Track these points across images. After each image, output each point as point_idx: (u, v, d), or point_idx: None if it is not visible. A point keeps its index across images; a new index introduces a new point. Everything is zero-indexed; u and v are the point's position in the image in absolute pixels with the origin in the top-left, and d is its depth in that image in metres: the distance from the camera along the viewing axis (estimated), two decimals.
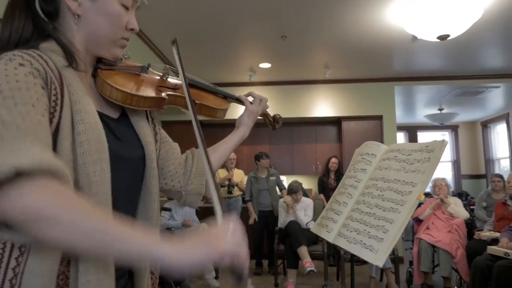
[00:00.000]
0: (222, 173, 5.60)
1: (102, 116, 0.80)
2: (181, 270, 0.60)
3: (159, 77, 0.98)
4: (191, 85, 1.05)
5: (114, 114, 0.88)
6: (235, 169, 5.73)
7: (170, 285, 3.79)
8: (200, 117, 0.96)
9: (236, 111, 1.25)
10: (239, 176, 5.71)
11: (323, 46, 4.66)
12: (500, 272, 2.98)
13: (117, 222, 0.61)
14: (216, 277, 4.53)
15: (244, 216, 5.50)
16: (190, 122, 0.87)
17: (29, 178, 0.58)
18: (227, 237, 0.63)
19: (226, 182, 5.53)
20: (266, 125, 1.34)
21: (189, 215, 4.90)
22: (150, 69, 0.97)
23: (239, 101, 1.21)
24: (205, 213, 5.62)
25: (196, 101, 1.04)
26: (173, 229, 4.48)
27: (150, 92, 0.91)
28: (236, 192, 5.60)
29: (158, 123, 1.03)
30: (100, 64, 0.88)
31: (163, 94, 0.93)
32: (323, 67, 5.41)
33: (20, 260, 0.68)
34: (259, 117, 1.24)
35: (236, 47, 4.67)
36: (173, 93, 0.97)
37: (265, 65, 5.32)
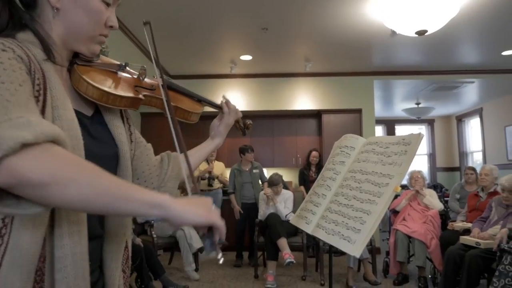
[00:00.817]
0: (202, 166, 5.57)
1: (76, 113, 0.79)
2: (183, 222, 0.69)
3: (136, 77, 0.97)
4: (168, 87, 1.04)
5: (88, 112, 0.86)
6: (215, 161, 5.71)
7: (150, 278, 3.78)
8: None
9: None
10: (220, 168, 5.70)
11: (304, 39, 4.68)
12: (471, 261, 3.09)
13: (126, 181, 0.65)
14: (196, 269, 4.54)
15: (224, 208, 5.51)
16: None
17: (35, 146, 0.59)
18: (213, 208, 0.74)
19: (207, 175, 5.51)
20: (245, 118, 1.35)
21: None
22: (127, 68, 0.96)
23: (217, 107, 1.20)
24: None
25: (172, 104, 1.03)
26: (152, 221, 4.44)
27: (127, 92, 0.89)
28: (216, 184, 5.59)
29: (134, 125, 1.02)
30: (76, 59, 0.86)
31: (140, 95, 0.92)
32: (303, 60, 5.44)
33: None
34: None
35: (217, 39, 4.63)
36: (149, 94, 0.97)
37: (246, 57, 5.30)
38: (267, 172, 6.20)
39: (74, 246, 0.72)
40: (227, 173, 5.71)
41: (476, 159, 8.28)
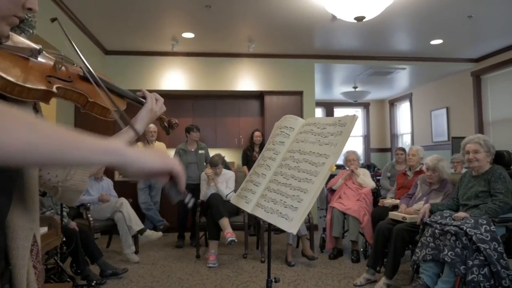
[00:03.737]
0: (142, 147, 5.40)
1: None
2: (140, 167, 0.66)
3: (51, 65, 0.86)
4: (85, 78, 0.93)
5: None
6: (156, 142, 5.57)
7: (86, 262, 3.64)
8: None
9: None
10: (161, 149, 5.57)
11: (247, 20, 4.64)
12: (398, 234, 3.35)
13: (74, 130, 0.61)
14: (136, 252, 4.45)
15: None
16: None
17: None
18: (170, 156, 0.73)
19: None
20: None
21: (106, 189, 4.69)
22: (42, 53, 0.84)
23: (138, 101, 1.12)
24: (123, 187, 5.42)
25: (89, 99, 0.92)
26: (88, 204, 4.25)
27: (37, 83, 0.78)
28: None
29: (67, 113, 0.92)
30: None
31: (53, 87, 0.81)
32: (247, 41, 5.41)
33: None
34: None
35: (158, 14, 4.44)
36: (64, 86, 0.86)
37: (188, 35, 5.15)
38: (210, 153, 6.18)
39: None
40: (169, 153, 5.59)
41: (405, 140, 8.91)
